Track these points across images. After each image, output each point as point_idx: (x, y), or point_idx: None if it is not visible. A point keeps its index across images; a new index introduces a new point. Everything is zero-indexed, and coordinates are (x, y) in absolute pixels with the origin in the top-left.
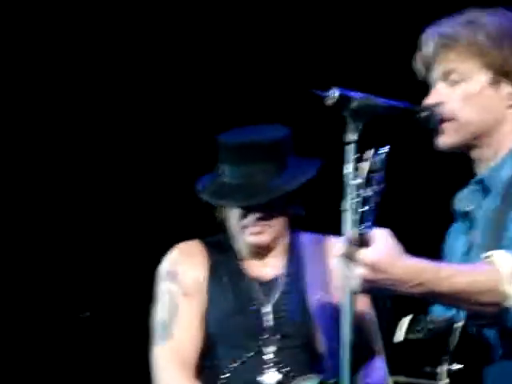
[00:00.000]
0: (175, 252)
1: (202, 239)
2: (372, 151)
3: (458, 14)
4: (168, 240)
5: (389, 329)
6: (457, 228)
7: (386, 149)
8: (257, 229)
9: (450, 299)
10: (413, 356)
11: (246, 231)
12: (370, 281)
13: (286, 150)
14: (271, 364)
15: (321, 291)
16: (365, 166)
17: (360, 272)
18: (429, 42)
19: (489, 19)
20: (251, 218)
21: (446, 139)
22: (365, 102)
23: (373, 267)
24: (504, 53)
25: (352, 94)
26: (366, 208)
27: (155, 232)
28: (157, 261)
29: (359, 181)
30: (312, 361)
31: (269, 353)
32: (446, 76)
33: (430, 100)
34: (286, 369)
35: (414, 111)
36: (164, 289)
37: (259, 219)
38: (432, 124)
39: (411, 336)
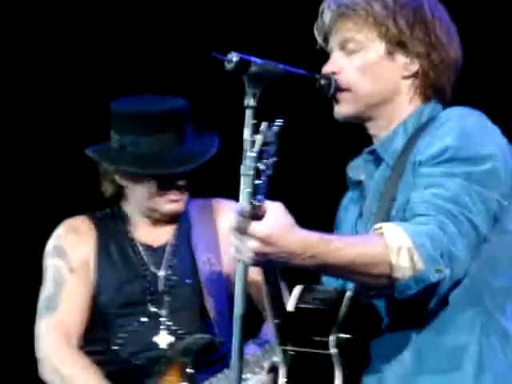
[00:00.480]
0: (62, 228)
1: (90, 213)
2: (266, 124)
3: None
4: (56, 215)
5: (279, 299)
6: (350, 197)
7: (280, 122)
8: (177, 197)
9: (342, 271)
10: (303, 325)
11: (164, 199)
12: (261, 254)
13: (187, 120)
14: (164, 326)
15: (209, 254)
16: (259, 139)
17: (251, 245)
18: (327, 11)
19: None
20: (172, 186)
21: (342, 109)
22: (264, 67)
23: (263, 240)
24: (400, 24)
25: (251, 58)
26: (259, 181)
27: (42, 207)
28: (45, 236)
29: (253, 154)
30: (203, 322)
31: (162, 316)
32: (342, 45)
33: (326, 68)
34: (178, 330)
35: (312, 79)
36: (50, 264)
37: (180, 187)
38: (330, 92)
39: (302, 305)
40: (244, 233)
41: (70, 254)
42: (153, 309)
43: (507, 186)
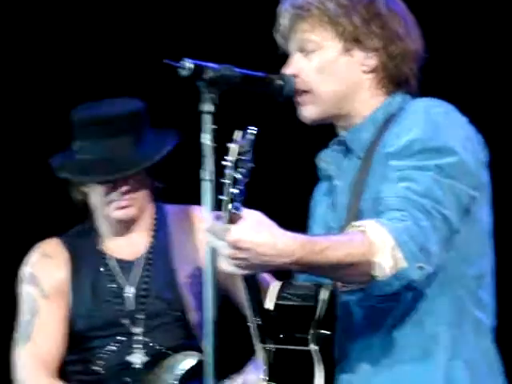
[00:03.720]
0: (34, 254)
1: (62, 234)
2: (240, 132)
3: None
4: (27, 232)
5: (259, 299)
6: (321, 188)
7: (254, 129)
8: (123, 203)
9: (327, 271)
10: (283, 322)
11: (112, 207)
12: (239, 259)
13: (144, 122)
14: (140, 345)
15: (190, 265)
16: (234, 148)
17: (228, 252)
18: (284, 13)
19: None
20: (116, 192)
21: (305, 113)
22: (220, 72)
23: (236, 245)
24: (354, 21)
25: (206, 64)
26: (236, 189)
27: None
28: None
29: (229, 162)
30: (186, 337)
31: (137, 334)
32: (301, 46)
33: (286, 71)
34: (158, 348)
35: (271, 81)
36: (25, 291)
37: (124, 193)
38: (290, 93)
39: (281, 302)
40: (222, 239)
41: (43, 280)
42: (129, 327)
43: (477, 176)
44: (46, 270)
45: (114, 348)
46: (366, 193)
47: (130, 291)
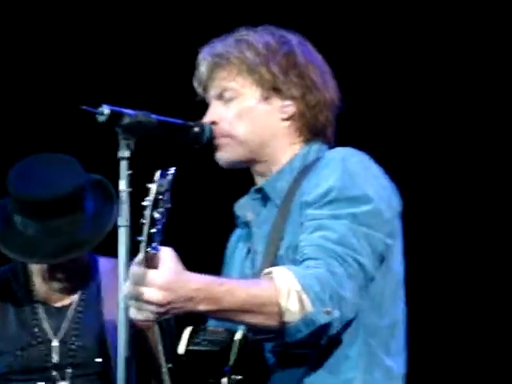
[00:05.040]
0: None
1: None
2: (159, 172)
3: (229, 33)
4: None
5: (172, 344)
6: (238, 235)
7: (173, 170)
8: (64, 276)
9: (233, 314)
10: (195, 368)
11: (53, 279)
12: (164, 303)
13: (84, 198)
14: None
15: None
16: (153, 188)
17: (153, 296)
18: (203, 62)
19: (257, 37)
20: (56, 272)
21: (222, 155)
22: (136, 118)
23: (165, 288)
24: (273, 69)
25: (123, 110)
26: (154, 229)
27: None
28: None
29: (148, 202)
30: None
31: (61, 383)
32: (220, 94)
33: (206, 119)
34: None
35: (187, 127)
36: None
37: (68, 270)
38: (204, 140)
39: (192, 347)
40: (142, 284)
41: None
42: (51, 378)
43: (391, 224)
44: None
45: None
46: (284, 241)
47: (55, 343)
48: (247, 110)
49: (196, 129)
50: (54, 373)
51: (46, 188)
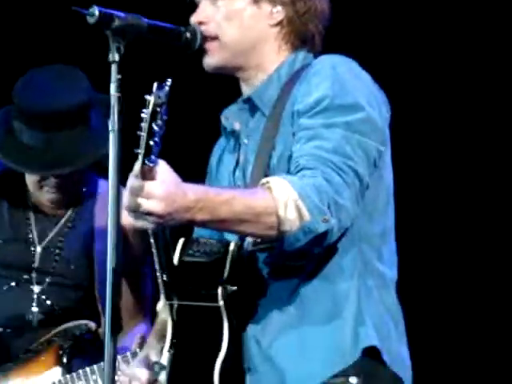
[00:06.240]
0: None
1: None
2: (157, 84)
3: None
4: None
5: (168, 255)
6: (224, 146)
7: (169, 81)
8: (54, 190)
9: (230, 224)
10: (188, 279)
11: (43, 191)
12: (164, 214)
13: (89, 111)
14: (37, 302)
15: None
16: (151, 100)
17: (152, 206)
18: None
19: None
20: (50, 182)
21: (210, 60)
22: (127, 21)
23: (164, 199)
24: None
25: (114, 12)
26: (152, 141)
27: None
28: None
29: (145, 114)
30: (83, 302)
31: (37, 289)
32: None
33: (194, 18)
34: (51, 305)
35: (178, 32)
36: None
37: (58, 184)
38: (196, 44)
39: (186, 258)
40: (140, 195)
41: None
42: (26, 277)
43: (383, 132)
44: None
45: (7, 294)
46: (275, 151)
47: (38, 246)
48: (236, 11)
49: (187, 34)
50: (33, 275)
51: (52, 101)
